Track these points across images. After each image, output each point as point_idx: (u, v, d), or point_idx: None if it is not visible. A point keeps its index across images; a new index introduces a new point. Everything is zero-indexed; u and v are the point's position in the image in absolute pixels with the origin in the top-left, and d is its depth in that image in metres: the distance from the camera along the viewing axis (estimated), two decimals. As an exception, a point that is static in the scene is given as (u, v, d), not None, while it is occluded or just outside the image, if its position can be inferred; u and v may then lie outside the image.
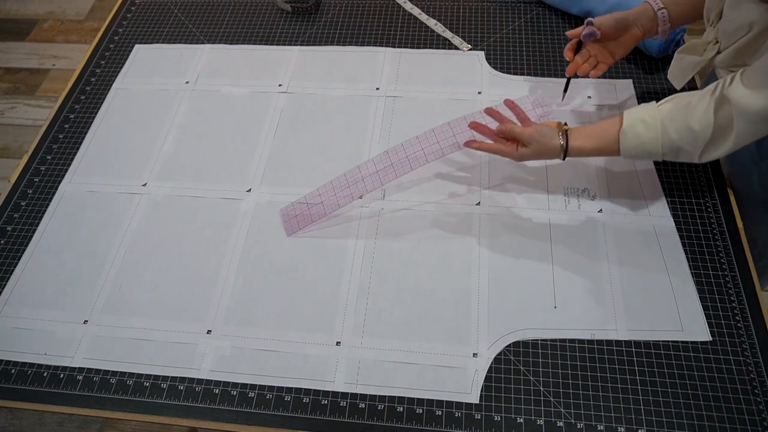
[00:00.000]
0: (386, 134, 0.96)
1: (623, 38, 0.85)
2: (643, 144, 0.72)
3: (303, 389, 0.71)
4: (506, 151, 0.79)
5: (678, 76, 0.82)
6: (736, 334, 0.73)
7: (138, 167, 0.95)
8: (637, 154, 0.73)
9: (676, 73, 0.82)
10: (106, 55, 1.13)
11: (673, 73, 0.83)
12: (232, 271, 0.82)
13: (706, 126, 0.68)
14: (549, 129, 0.77)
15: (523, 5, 1.14)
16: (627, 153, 0.74)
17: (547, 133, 0.77)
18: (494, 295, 0.77)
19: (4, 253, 0.86)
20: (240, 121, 0.99)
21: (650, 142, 0.72)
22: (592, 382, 0.70)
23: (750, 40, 0.68)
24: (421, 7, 1.15)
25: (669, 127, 0.70)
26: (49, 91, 2.14)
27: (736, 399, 0.68)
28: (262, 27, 1.15)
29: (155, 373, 0.74)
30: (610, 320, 0.74)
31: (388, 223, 0.85)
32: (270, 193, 0.90)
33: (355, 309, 0.77)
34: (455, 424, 0.68)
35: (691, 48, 0.79)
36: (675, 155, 0.73)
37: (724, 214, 0.83)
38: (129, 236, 0.86)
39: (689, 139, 0.70)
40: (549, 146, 0.76)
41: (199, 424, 0.70)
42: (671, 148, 0.71)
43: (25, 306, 0.81)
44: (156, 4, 1.22)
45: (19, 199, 0.92)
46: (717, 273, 0.78)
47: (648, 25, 0.84)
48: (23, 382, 0.74)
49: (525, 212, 0.85)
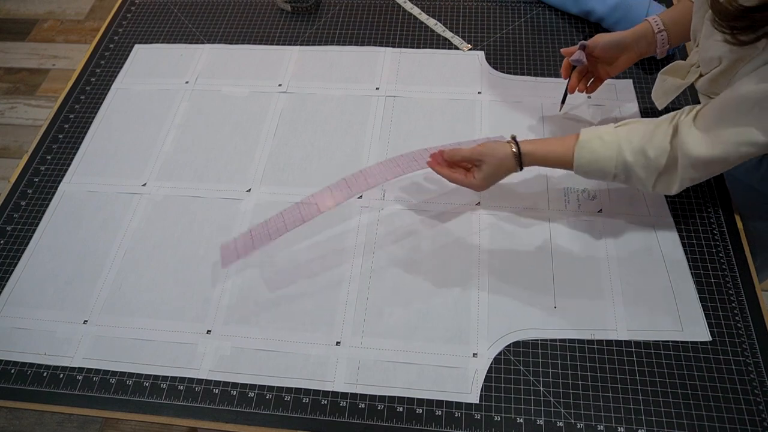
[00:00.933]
0: (386, 134, 0.96)
1: (618, 61, 0.85)
2: (597, 161, 0.71)
3: (303, 389, 0.71)
4: (460, 179, 0.77)
5: (661, 96, 0.81)
6: (736, 334, 0.73)
7: (138, 167, 0.94)
8: (589, 170, 0.72)
9: (659, 93, 0.82)
10: (106, 55, 1.13)
11: (656, 93, 0.82)
12: (232, 271, 0.82)
13: (660, 153, 0.68)
14: (497, 142, 0.76)
15: (523, 5, 1.14)
16: (579, 167, 0.72)
17: (496, 146, 0.75)
18: (494, 295, 0.77)
19: (4, 253, 0.86)
20: (240, 121, 0.99)
21: (604, 159, 0.70)
22: (592, 382, 0.70)
23: (721, 71, 0.66)
24: (421, 7, 1.15)
25: (625, 148, 0.69)
26: (49, 91, 2.14)
27: (736, 399, 0.68)
28: (262, 27, 1.15)
29: (155, 373, 0.74)
30: (610, 320, 0.74)
31: (388, 223, 0.85)
32: (270, 193, 0.90)
33: (355, 309, 0.77)
34: (455, 424, 0.68)
35: (675, 69, 0.78)
36: (626, 178, 0.71)
37: (724, 214, 0.83)
38: (129, 236, 0.86)
39: (643, 163, 0.69)
40: (501, 155, 0.74)
41: (199, 424, 0.70)
42: (624, 170, 0.70)
43: (25, 306, 0.81)
44: (156, 4, 1.22)
45: (18, 199, 0.92)
46: (717, 273, 0.78)
47: (645, 48, 0.83)
48: (23, 382, 0.74)
49: (525, 212, 0.85)
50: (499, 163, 0.75)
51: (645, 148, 0.68)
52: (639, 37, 0.82)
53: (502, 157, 0.74)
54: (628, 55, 0.84)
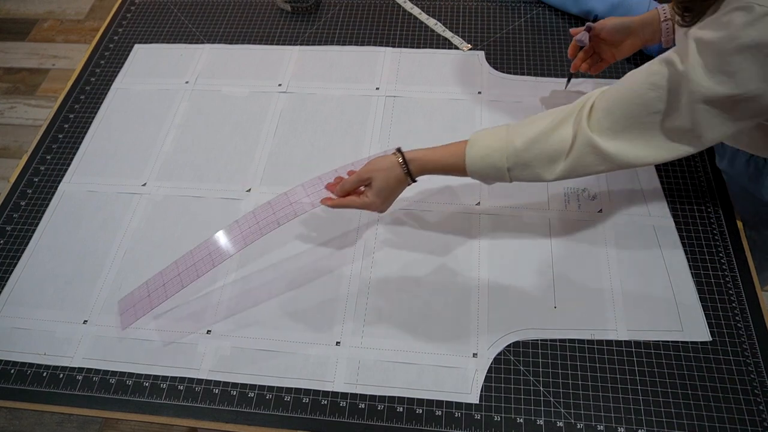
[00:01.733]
0: (386, 134, 0.96)
1: (623, 45, 0.86)
2: (489, 155, 0.67)
3: (303, 389, 0.71)
4: (356, 202, 0.74)
5: None
6: (736, 334, 0.72)
7: (138, 167, 0.94)
8: (483, 167, 0.68)
9: None
10: (105, 54, 1.13)
11: None
12: (231, 271, 0.82)
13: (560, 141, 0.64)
14: (382, 156, 0.74)
15: (523, 5, 1.14)
16: (472, 165, 0.69)
17: (381, 159, 0.73)
18: (494, 296, 0.77)
19: (4, 253, 0.86)
20: (240, 121, 0.99)
21: (495, 152, 0.67)
22: (592, 382, 0.70)
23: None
24: (421, 6, 1.15)
25: (515, 136, 0.66)
26: (49, 91, 2.14)
27: (736, 399, 0.68)
28: (262, 27, 1.15)
29: (155, 373, 0.74)
30: (610, 320, 0.74)
31: (388, 223, 0.85)
32: (270, 193, 0.90)
33: (355, 309, 0.77)
34: (455, 424, 0.68)
35: None
36: (522, 169, 0.67)
37: (724, 214, 0.83)
38: (129, 236, 0.86)
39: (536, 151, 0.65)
40: (386, 166, 0.71)
41: (199, 424, 0.70)
42: (517, 162, 0.66)
43: (25, 306, 0.81)
44: (156, 4, 1.22)
45: (18, 198, 0.92)
46: (717, 273, 0.77)
47: (650, 36, 0.83)
48: (23, 382, 0.74)
49: (525, 212, 0.85)
50: (386, 175, 0.72)
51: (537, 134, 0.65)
52: (645, 23, 0.83)
53: (388, 168, 0.72)
54: (633, 41, 0.85)
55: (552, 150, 0.65)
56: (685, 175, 0.87)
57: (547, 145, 0.65)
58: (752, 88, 0.53)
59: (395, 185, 0.73)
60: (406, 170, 0.72)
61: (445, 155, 0.71)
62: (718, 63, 0.54)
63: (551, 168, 0.65)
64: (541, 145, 0.65)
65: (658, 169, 0.88)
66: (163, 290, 0.74)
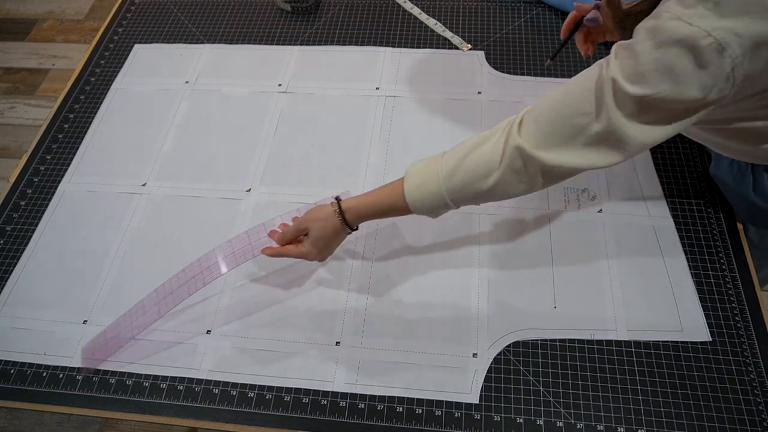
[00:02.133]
0: (386, 134, 0.96)
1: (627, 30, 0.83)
2: (425, 182, 0.65)
3: (302, 389, 0.71)
4: (292, 251, 0.73)
5: None
6: (736, 334, 0.72)
7: (137, 167, 0.94)
8: (422, 196, 0.66)
9: None
10: (105, 54, 1.13)
11: None
12: (232, 272, 0.82)
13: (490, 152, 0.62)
14: (320, 205, 0.73)
15: (523, 5, 1.14)
16: (411, 196, 0.66)
17: (317, 209, 0.72)
18: (494, 295, 0.77)
19: (4, 252, 0.86)
20: (240, 121, 0.99)
21: (431, 178, 0.65)
22: (592, 382, 0.70)
23: None
24: (421, 6, 1.15)
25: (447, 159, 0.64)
26: (49, 90, 2.14)
27: (736, 399, 0.68)
28: (262, 27, 1.15)
29: (155, 373, 0.74)
30: (610, 320, 0.74)
31: (388, 223, 0.85)
32: (270, 193, 0.90)
33: (354, 309, 0.77)
34: (455, 424, 0.68)
35: None
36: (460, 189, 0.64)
37: (724, 214, 0.83)
38: (129, 236, 0.86)
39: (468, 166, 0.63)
40: (322, 216, 0.71)
41: (199, 424, 0.70)
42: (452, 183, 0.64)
43: (25, 306, 0.81)
44: (156, 4, 1.22)
45: (18, 198, 0.92)
46: (717, 273, 0.77)
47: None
48: (22, 382, 0.74)
49: (525, 212, 0.85)
50: (323, 225, 0.71)
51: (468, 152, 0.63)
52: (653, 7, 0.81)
53: (325, 218, 0.71)
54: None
55: (484, 162, 0.63)
56: (685, 175, 0.87)
57: (477, 158, 0.63)
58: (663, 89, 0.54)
59: (332, 235, 0.72)
60: (342, 220, 0.70)
61: (382, 196, 0.69)
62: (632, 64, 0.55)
63: (485, 181, 0.63)
64: (471, 160, 0.63)
65: (658, 170, 0.88)
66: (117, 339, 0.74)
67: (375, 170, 0.91)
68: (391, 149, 0.94)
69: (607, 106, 0.57)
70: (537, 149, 0.60)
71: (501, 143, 0.62)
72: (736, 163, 0.77)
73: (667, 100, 0.55)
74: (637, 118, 0.57)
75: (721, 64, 0.51)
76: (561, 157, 0.59)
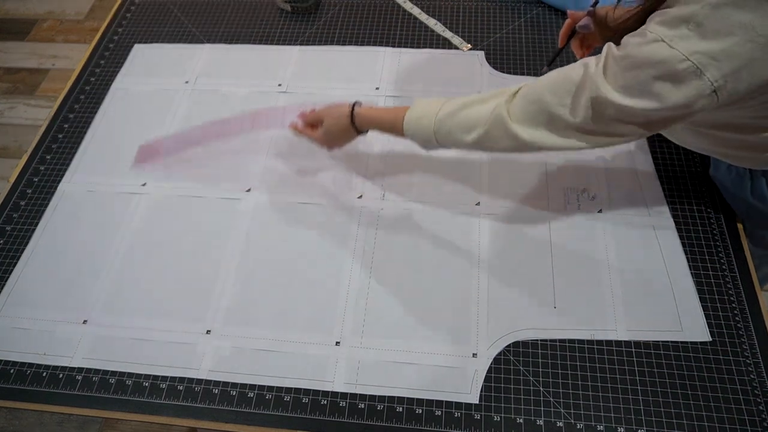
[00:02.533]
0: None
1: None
2: (421, 117, 0.73)
3: (302, 389, 0.71)
4: (309, 133, 0.85)
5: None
6: (736, 334, 0.72)
7: (138, 167, 0.94)
8: (415, 128, 0.74)
9: None
10: (105, 54, 1.13)
11: None
12: (231, 271, 0.82)
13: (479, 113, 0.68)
14: (340, 104, 0.82)
15: (523, 5, 1.14)
16: (408, 124, 0.74)
17: (336, 105, 0.82)
18: (494, 295, 0.77)
19: (4, 252, 0.86)
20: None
21: (427, 116, 0.72)
22: (591, 382, 0.70)
23: None
24: (421, 6, 1.15)
25: (446, 106, 0.71)
26: (49, 90, 2.13)
27: (736, 399, 0.68)
28: (261, 27, 1.15)
29: (154, 373, 0.74)
30: (610, 320, 0.74)
31: (387, 223, 0.85)
32: (270, 193, 0.90)
33: (354, 309, 0.77)
34: (455, 424, 0.68)
35: None
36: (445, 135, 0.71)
37: (724, 214, 0.83)
38: (128, 236, 0.86)
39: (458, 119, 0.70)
40: (337, 114, 0.80)
41: (199, 424, 0.70)
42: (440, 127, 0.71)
43: (25, 306, 0.81)
44: (156, 4, 1.22)
45: (18, 198, 0.92)
46: (717, 273, 0.77)
47: None
48: (22, 382, 0.74)
49: (525, 212, 0.85)
50: (335, 122, 0.81)
51: (463, 107, 0.70)
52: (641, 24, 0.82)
53: (338, 116, 0.80)
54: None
55: (472, 119, 0.69)
56: (685, 175, 0.87)
57: (468, 114, 0.70)
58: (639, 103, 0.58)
59: (340, 132, 0.82)
60: (351, 122, 0.80)
61: (387, 116, 0.78)
62: (614, 73, 0.58)
63: (467, 135, 0.70)
64: (464, 114, 0.70)
65: (658, 170, 0.88)
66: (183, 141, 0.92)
67: (375, 169, 0.91)
68: (391, 148, 0.93)
69: (584, 105, 0.61)
70: (516, 122, 0.65)
71: (491, 108, 0.68)
72: (734, 167, 0.77)
73: (643, 112, 0.58)
74: (612, 121, 0.60)
75: (701, 85, 0.54)
76: (534, 135, 0.65)
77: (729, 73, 0.53)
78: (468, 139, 0.69)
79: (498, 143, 0.68)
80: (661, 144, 0.91)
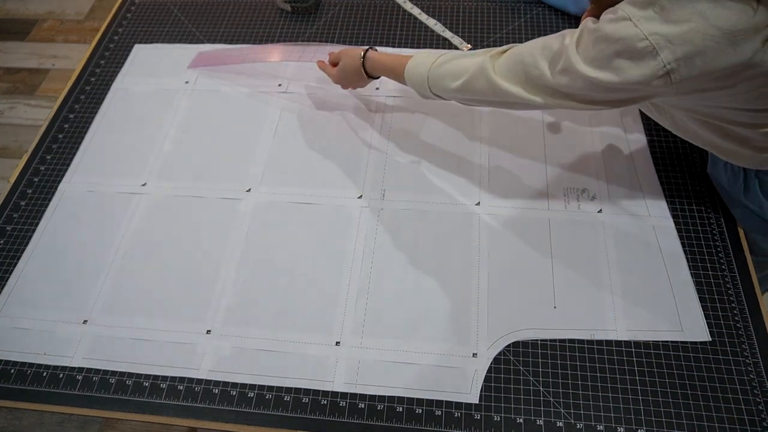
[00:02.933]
0: (386, 133, 0.96)
1: None
2: (418, 64, 0.79)
3: (302, 389, 0.71)
4: (328, 69, 0.93)
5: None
6: (735, 334, 0.73)
7: (137, 167, 0.94)
8: (413, 75, 0.79)
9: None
10: (105, 54, 1.13)
11: None
12: (231, 271, 0.82)
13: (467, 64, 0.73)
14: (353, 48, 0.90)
15: (523, 5, 1.14)
16: (408, 70, 0.80)
17: (352, 48, 0.90)
18: (494, 295, 0.77)
19: (4, 252, 0.86)
20: (240, 121, 0.99)
21: (423, 64, 0.78)
22: (591, 382, 0.70)
23: None
24: (421, 7, 1.15)
25: (442, 58, 0.77)
26: (49, 91, 2.13)
27: (735, 399, 0.68)
28: (262, 27, 1.15)
29: (155, 373, 0.74)
30: (609, 320, 0.74)
31: (387, 223, 0.85)
32: (270, 193, 0.90)
33: (354, 309, 0.77)
34: (455, 424, 0.68)
35: None
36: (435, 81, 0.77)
37: (724, 214, 0.83)
38: (128, 236, 0.86)
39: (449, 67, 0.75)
40: (351, 54, 0.88)
41: (199, 424, 0.70)
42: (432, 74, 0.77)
43: (25, 306, 0.81)
44: (156, 4, 1.22)
45: (18, 198, 0.92)
46: (717, 273, 0.78)
47: None
48: (23, 382, 0.74)
49: (525, 212, 0.85)
50: (350, 61, 0.88)
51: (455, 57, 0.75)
52: None
53: (353, 56, 0.88)
54: None
55: (461, 68, 0.74)
56: (685, 175, 0.87)
57: (458, 64, 0.75)
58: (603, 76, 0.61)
59: (352, 72, 0.89)
60: (362, 65, 0.87)
61: (394, 62, 0.84)
62: (586, 45, 0.62)
63: (454, 82, 0.75)
64: (454, 63, 0.75)
65: (658, 170, 0.88)
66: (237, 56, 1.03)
67: (375, 169, 0.91)
68: (392, 148, 0.94)
69: (558, 72, 0.65)
70: (498, 75, 0.71)
71: (479, 60, 0.73)
72: (729, 165, 0.77)
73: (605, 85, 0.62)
74: (580, 90, 0.65)
75: (655, 66, 0.58)
76: (510, 88, 0.70)
77: (681, 57, 0.56)
78: (453, 85, 0.75)
79: (477, 88, 0.73)
80: (661, 144, 0.91)
